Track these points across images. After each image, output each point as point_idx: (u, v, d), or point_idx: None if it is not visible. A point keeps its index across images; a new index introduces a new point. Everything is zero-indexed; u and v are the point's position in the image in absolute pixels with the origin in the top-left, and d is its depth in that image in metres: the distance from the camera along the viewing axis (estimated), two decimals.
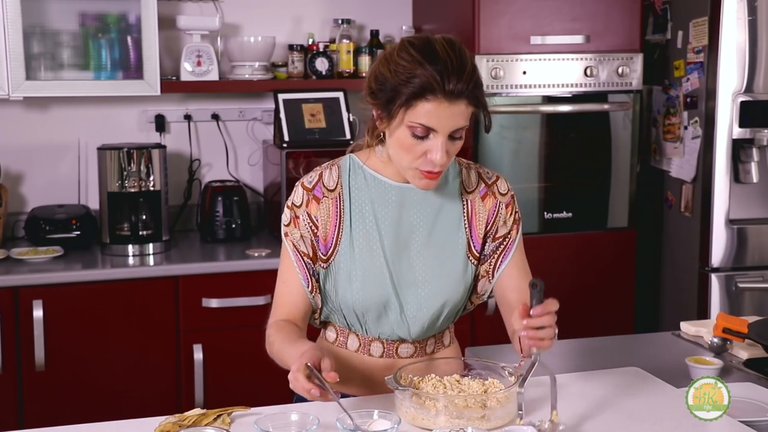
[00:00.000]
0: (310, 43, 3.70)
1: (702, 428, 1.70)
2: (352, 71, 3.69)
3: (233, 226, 3.53)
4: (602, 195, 3.58)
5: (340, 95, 3.53)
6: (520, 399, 1.64)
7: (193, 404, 3.12)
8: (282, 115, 3.45)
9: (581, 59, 3.45)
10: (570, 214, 3.53)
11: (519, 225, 1.94)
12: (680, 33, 3.49)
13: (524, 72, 3.40)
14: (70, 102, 3.58)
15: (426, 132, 1.72)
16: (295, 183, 1.90)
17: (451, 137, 1.74)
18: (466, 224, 1.90)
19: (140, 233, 3.33)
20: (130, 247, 3.33)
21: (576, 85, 3.46)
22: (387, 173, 1.87)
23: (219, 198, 3.54)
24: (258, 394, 2.53)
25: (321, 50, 3.67)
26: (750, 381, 2.04)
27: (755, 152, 3.36)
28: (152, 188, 3.36)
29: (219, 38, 3.64)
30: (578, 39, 3.45)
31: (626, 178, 3.58)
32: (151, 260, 3.29)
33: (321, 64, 3.65)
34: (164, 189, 3.39)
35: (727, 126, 3.32)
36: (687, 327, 2.43)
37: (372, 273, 1.83)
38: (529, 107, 3.46)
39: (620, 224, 3.60)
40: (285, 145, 3.41)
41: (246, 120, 3.80)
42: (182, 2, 3.66)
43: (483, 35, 3.35)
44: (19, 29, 3.19)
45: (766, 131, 3.33)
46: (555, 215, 3.52)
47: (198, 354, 3.17)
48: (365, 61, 3.70)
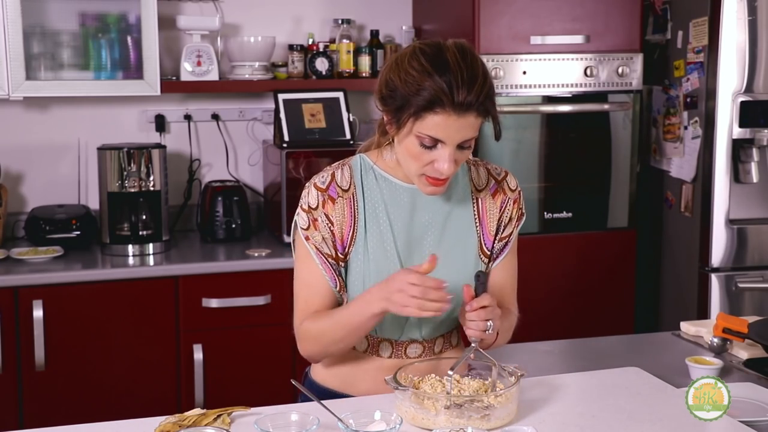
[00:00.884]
0: (310, 43, 3.70)
1: (702, 428, 1.70)
2: (352, 71, 3.69)
3: (233, 226, 3.53)
4: (602, 195, 3.58)
5: (340, 95, 3.53)
6: (447, 383, 1.71)
7: (193, 404, 3.12)
8: (282, 115, 3.45)
9: (581, 59, 3.45)
10: (570, 214, 3.53)
11: (520, 222, 1.95)
12: (680, 33, 3.49)
13: (524, 72, 3.40)
14: (70, 102, 3.58)
15: (434, 142, 1.71)
16: (306, 184, 1.87)
17: (460, 147, 1.74)
18: (478, 223, 1.90)
19: (140, 233, 3.34)
20: (130, 247, 3.33)
21: (576, 85, 3.46)
22: (398, 175, 1.86)
23: (219, 198, 3.54)
24: (258, 394, 2.53)
25: (321, 50, 3.67)
26: (750, 381, 2.04)
27: (755, 152, 3.35)
28: (152, 188, 3.36)
29: (219, 38, 3.64)
30: (578, 39, 3.45)
31: (626, 178, 3.57)
32: (151, 260, 3.29)
33: (321, 64, 3.65)
34: (164, 189, 3.39)
35: (727, 126, 3.32)
36: (687, 327, 2.43)
37: (386, 274, 1.81)
38: (529, 107, 3.45)
39: (620, 224, 3.60)
40: (285, 145, 3.41)
41: (246, 120, 3.80)
42: (182, 2, 3.66)
43: (483, 35, 3.35)
44: (19, 29, 3.19)
45: (766, 131, 3.32)
46: (555, 215, 3.52)
47: (198, 354, 3.17)
48: (365, 61, 3.70)
